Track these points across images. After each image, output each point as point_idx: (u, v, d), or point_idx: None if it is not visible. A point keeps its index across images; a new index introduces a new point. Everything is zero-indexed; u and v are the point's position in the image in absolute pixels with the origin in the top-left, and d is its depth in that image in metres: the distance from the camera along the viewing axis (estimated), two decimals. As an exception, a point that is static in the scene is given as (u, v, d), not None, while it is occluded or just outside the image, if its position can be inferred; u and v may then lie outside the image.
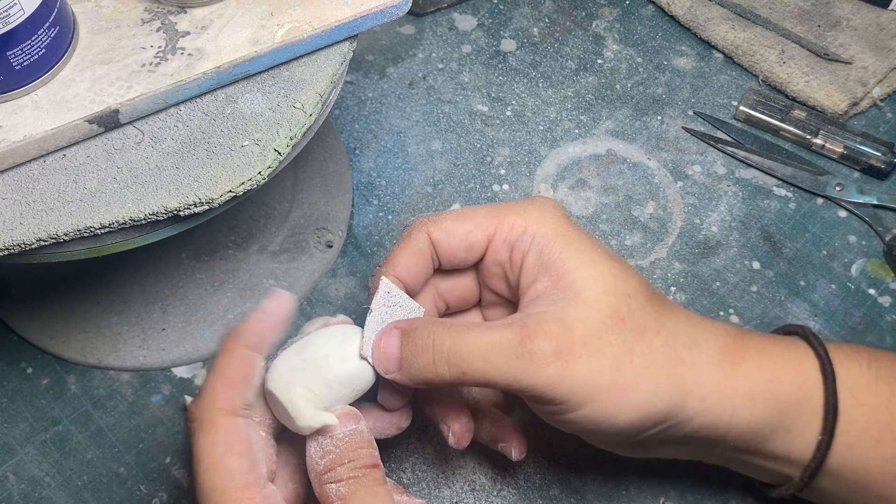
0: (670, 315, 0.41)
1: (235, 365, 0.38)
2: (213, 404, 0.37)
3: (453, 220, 0.43)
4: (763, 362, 0.40)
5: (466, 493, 0.49)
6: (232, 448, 0.37)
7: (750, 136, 0.63)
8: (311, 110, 0.43)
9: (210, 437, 0.37)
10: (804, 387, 0.40)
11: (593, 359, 0.38)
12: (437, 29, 0.69)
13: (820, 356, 0.41)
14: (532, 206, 0.43)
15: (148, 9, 0.45)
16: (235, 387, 0.38)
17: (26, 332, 0.55)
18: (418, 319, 0.41)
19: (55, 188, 0.41)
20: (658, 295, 0.42)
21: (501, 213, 0.43)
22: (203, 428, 0.37)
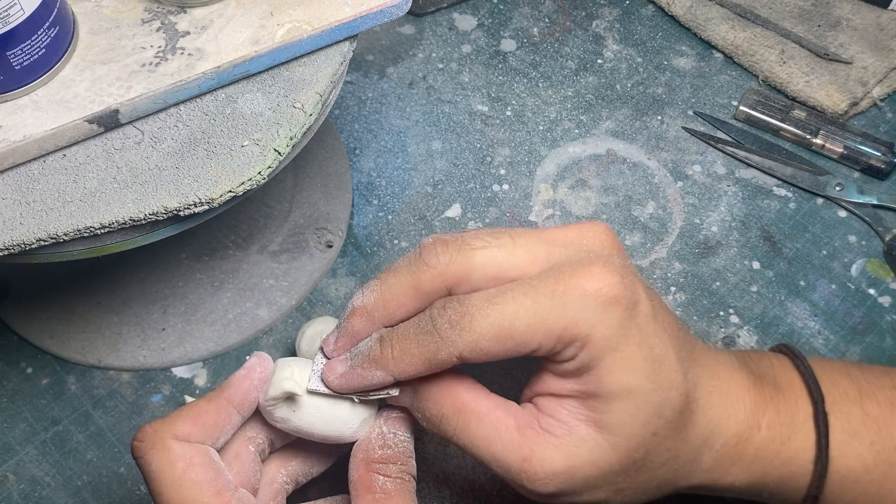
0: (687, 437, 0.37)
1: (211, 411, 0.38)
2: (168, 430, 0.37)
3: (489, 341, 0.35)
4: (755, 464, 0.39)
5: (466, 493, 0.49)
6: (192, 461, 0.36)
7: (750, 136, 0.63)
8: (311, 110, 0.43)
9: (165, 456, 0.36)
10: (792, 476, 0.39)
11: (586, 496, 0.37)
12: (437, 29, 0.69)
13: (820, 447, 0.39)
14: (584, 310, 0.34)
15: (148, 9, 0.45)
16: (201, 428, 0.37)
17: (26, 332, 0.55)
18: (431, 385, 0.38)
19: (55, 188, 0.41)
20: (689, 405, 0.37)
21: (545, 324, 0.34)
22: (155, 447, 0.36)
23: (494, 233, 0.37)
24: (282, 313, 0.56)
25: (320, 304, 0.56)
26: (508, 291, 0.35)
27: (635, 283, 0.36)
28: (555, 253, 0.36)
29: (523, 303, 0.35)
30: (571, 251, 0.37)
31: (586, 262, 0.35)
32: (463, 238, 0.36)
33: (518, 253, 0.36)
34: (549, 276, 0.35)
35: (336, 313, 0.56)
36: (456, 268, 0.36)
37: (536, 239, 0.36)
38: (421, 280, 0.36)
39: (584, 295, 0.34)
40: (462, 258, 0.36)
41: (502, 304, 0.35)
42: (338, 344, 0.39)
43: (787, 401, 0.40)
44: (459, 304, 0.35)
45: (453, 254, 0.36)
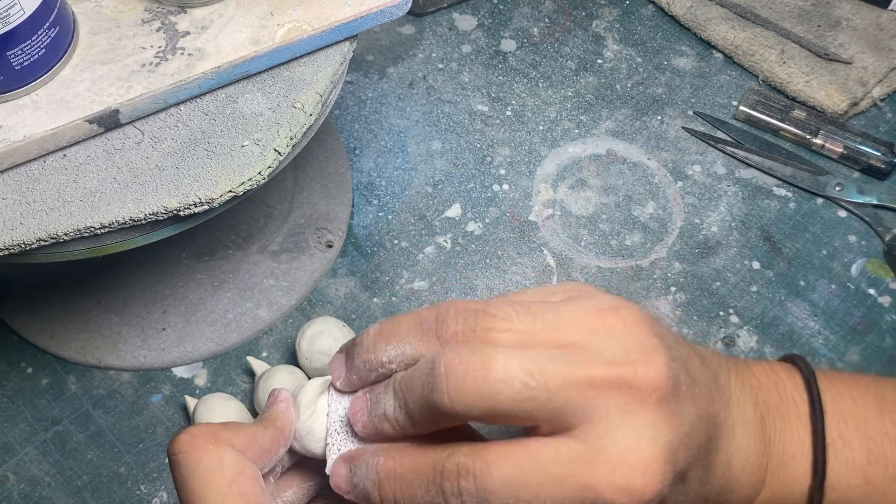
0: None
1: (267, 437, 0.34)
2: (225, 437, 0.33)
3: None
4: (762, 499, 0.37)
5: (466, 493, 0.49)
6: (244, 471, 0.33)
7: (750, 136, 0.63)
8: (311, 110, 0.43)
9: (217, 459, 0.32)
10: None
11: None
12: (437, 29, 0.69)
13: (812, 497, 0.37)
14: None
15: (148, 9, 0.45)
16: (257, 450, 0.34)
17: (26, 332, 0.55)
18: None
19: (55, 188, 0.41)
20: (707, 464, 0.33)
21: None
22: (209, 448, 0.33)
23: (528, 374, 0.30)
24: (282, 313, 0.56)
25: (320, 304, 0.56)
26: (534, 480, 0.30)
27: (677, 456, 0.31)
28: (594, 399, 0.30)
29: (546, 498, 0.30)
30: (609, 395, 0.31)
31: (627, 466, 0.30)
32: (486, 374, 0.30)
33: (552, 406, 0.30)
34: (584, 471, 0.30)
35: (336, 313, 0.56)
36: (476, 414, 0.31)
37: (578, 387, 0.30)
38: (438, 419, 0.32)
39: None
40: (483, 407, 0.30)
41: (524, 495, 0.30)
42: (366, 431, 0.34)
43: (787, 475, 0.38)
44: (476, 486, 0.30)
45: (473, 399, 0.30)
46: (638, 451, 0.30)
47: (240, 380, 0.54)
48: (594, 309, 0.32)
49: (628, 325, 0.32)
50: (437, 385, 0.30)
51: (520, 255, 0.58)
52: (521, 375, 0.30)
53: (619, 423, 0.30)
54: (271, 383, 0.48)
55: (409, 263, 0.58)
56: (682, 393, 0.31)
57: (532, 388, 0.30)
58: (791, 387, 0.39)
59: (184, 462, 0.33)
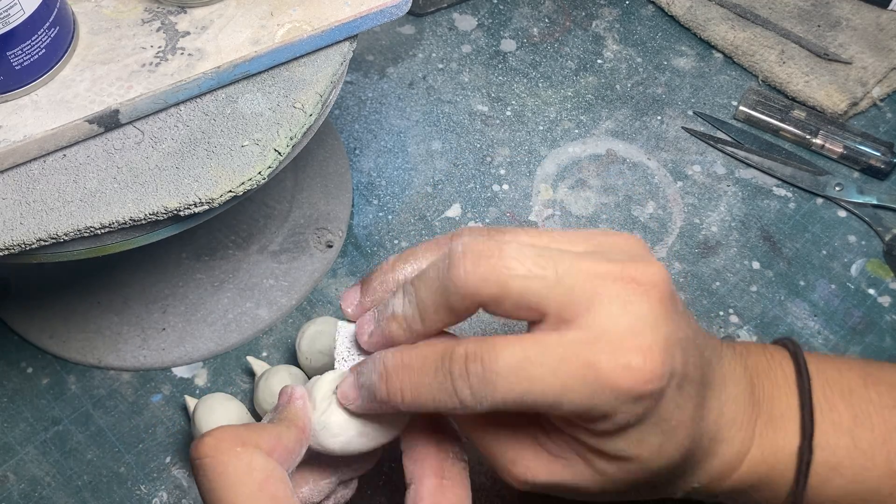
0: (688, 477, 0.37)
1: (291, 438, 0.34)
2: (252, 439, 0.33)
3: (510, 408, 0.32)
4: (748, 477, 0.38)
5: (466, 492, 0.49)
6: (273, 474, 0.32)
7: (750, 136, 0.63)
8: (311, 110, 0.43)
9: (245, 463, 0.32)
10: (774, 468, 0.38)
11: None
12: (437, 29, 0.69)
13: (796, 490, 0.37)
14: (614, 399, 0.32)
15: (148, 9, 0.45)
16: (283, 451, 0.34)
17: (26, 332, 0.55)
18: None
19: (55, 188, 0.41)
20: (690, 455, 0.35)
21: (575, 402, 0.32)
22: (236, 452, 0.32)
23: (538, 257, 0.32)
24: (282, 313, 0.56)
25: (320, 304, 0.56)
26: (538, 361, 0.32)
27: (674, 353, 0.32)
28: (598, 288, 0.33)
29: (552, 382, 0.32)
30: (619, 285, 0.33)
31: (627, 346, 0.31)
32: (501, 253, 0.32)
33: (559, 290, 0.32)
34: (585, 351, 0.32)
35: (336, 313, 0.56)
36: (488, 292, 0.32)
37: (584, 274, 0.32)
38: (451, 300, 0.33)
39: (617, 392, 0.31)
40: (496, 282, 0.32)
41: (529, 379, 0.32)
42: (372, 339, 0.36)
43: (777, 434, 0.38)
44: (483, 368, 0.32)
45: (487, 274, 0.32)
46: (638, 334, 0.31)
47: (240, 380, 0.54)
48: (598, 231, 0.36)
49: (630, 241, 0.35)
50: (454, 262, 0.32)
51: (520, 255, 0.58)
52: (533, 257, 0.32)
53: (621, 310, 0.32)
54: (271, 383, 0.48)
55: (409, 263, 0.58)
56: (679, 309, 0.34)
57: (542, 267, 0.32)
58: (779, 356, 0.40)
59: (210, 466, 0.32)
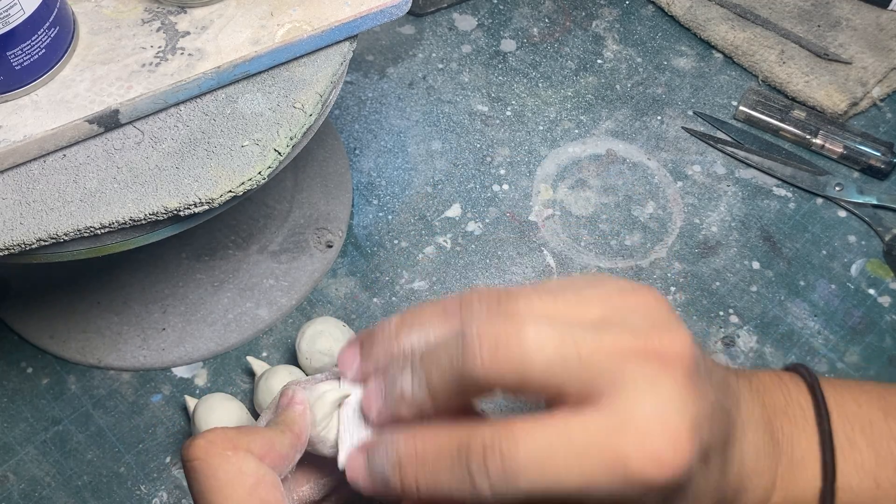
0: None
1: (286, 444, 0.33)
2: (244, 443, 0.32)
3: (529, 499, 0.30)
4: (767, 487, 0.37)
5: (466, 492, 0.49)
6: (264, 479, 0.32)
7: (750, 136, 0.63)
8: (311, 110, 0.43)
9: (236, 467, 0.31)
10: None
11: None
12: (437, 29, 0.69)
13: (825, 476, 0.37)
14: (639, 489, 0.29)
15: (148, 9, 0.45)
16: (275, 457, 0.33)
17: (26, 332, 0.55)
18: None
19: (55, 188, 0.41)
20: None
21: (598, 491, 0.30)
22: (227, 456, 0.32)
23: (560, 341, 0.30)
24: (282, 313, 0.56)
25: (320, 304, 0.56)
26: (563, 452, 0.29)
27: (702, 430, 0.30)
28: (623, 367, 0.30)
29: (578, 475, 0.29)
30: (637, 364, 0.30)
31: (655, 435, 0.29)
32: (520, 340, 0.30)
33: (582, 374, 0.30)
34: (612, 440, 0.29)
35: (336, 313, 0.56)
36: (508, 381, 0.30)
37: (607, 353, 0.30)
38: (466, 388, 0.31)
39: (646, 485, 0.29)
40: (516, 372, 0.30)
41: (553, 471, 0.29)
42: (381, 418, 0.34)
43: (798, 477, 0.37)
44: (503, 461, 0.29)
45: (505, 364, 0.30)
46: (666, 420, 0.29)
47: (240, 380, 0.54)
48: (614, 289, 0.32)
49: (649, 302, 0.32)
50: (470, 351, 0.30)
51: (520, 255, 0.58)
52: (555, 342, 0.29)
53: (647, 392, 0.29)
54: (271, 383, 0.48)
55: (409, 263, 0.58)
56: (703, 374, 0.31)
57: (565, 355, 0.29)
58: (796, 390, 0.38)
59: (200, 469, 0.32)
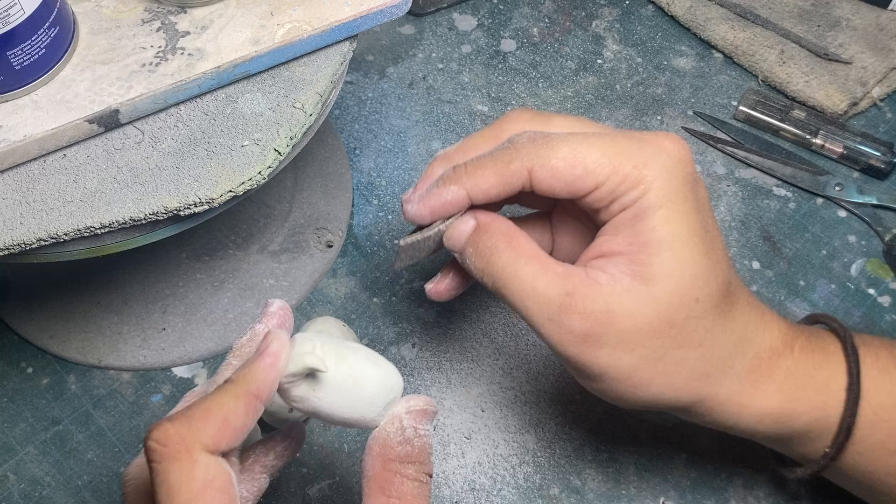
0: (725, 325, 0.39)
1: (240, 412, 0.34)
2: (197, 437, 0.33)
3: (562, 161, 0.38)
4: (786, 386, 0.40)
5: (466, 493, 0.49)
6: (212, 483, 0.33)
7: (750, 136, 0.63)
8: (311, 110, 0.43)
9: (186, 471, 0.33)
10: (824, 406, 0.40)
11: (617, 353, 0.37)
12: (437, 29, 0.69)
13: (851, 374, 0.40)
14: (656, 156, 0.38)
15: (148, 9, 0.45)
16: (231, 433, 0.34)
17: (26, 332, 0.55)
18: (496, 220, 0.40)
19: (55, 188, 0.41)
20: (729, 296, 0.39)
21: (618, 158, 0.38)
22: (179, 458, 0.33)
23: (581, 127, 0.40)
24: (282, 313, 0.56)
25: (320, 304, 0.56)
26: (589, 132, 0.39)
27: (699, 177, 0.40)
28: (631, 144, 0.39)
29: (602, 138, 0.38)
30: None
31: (667, 135, 0.39)
32: (548, 135, 0.39)
33: (597, 144, 0.38)
34: (628, 131, 0.39)
35: (336, 313, 0.56)
36: (540, 159, 0.38)
37: (615, 135, 0.39)
38: (506, 167, 0.39)
39: (659, 147, 0.38)
40: (546, 150, 0.38)
41: (582, 137, 0.38)
42: (417, 186, 0.41)
43: (817, 335, 0.42)
44: (542, 134, 0.39)
45: (539, 147, 0.39)
46: (676, 138, 0.39)
47: (240, 380, 0.54)
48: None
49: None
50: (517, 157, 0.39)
51: (520, 255, 0.58)
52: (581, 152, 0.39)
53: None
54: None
55: (409, 263, 0.58)
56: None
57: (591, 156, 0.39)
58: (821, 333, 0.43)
59: (157, 471, 0.33)
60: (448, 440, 0.51)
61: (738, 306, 0.39)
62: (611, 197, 0.38)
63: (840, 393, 0.40)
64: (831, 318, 0.43)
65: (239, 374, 0.34)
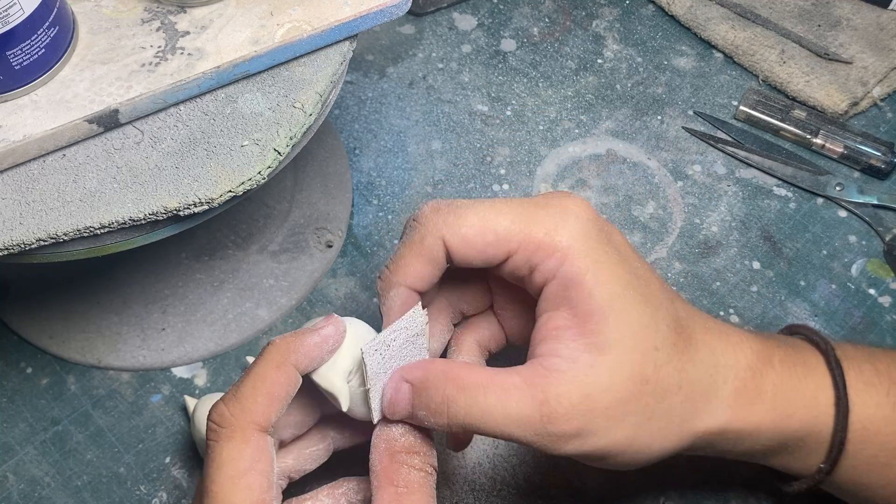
0: (692, 358, 0.38)
1: (283, 382, 0.37)
2: (250, 416, 0.36)
3: (472, 228, 0.38)
4: (777, 402, 0.40)
5: (466, 493, 0.49)
6: (256, 466, 0.36)
7: (750, 136, 0.63)
8: (310, 110, 0.43)
9: (238, 449, 0.36)
10: (815, 421, 0.40)
11: (611, 432, 0.37)
12: (437, 29, 0.69)
13: (837, 388, 0.40)
14: (564, 220, 0.38)
15: (148, 8, 0.45)
16: (277, 403, 0.36)
17: (26, 332, 0.55)
18: (429, 371, 0.38)
19: (55, 188, 0.41)
20: (683, 331, 0.39)
21: (528, 225, 0.38)
22: (233, 438, 0.36)
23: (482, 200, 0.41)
24: (282, 313, 0.56)
25: (320, 304, 0.56)
26: (496, 200, 0.39)
27: (610, 225, 0.40)
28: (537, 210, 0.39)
29: (509, 205, 0.38)
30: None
31: (567, 195, 0.40)
32: (453, 202, 0.40)
33: (505, 211, 0.39)
34: (532, 198, 0.39)
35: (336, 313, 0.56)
36: (449, 227, 0.39)
37: (520, 202, 0.39)
38: (420, 245, 0.39)
39: (565, 210, 0.38)
40: (453, 218, 0.39)
41: (489, 203, 0.39)
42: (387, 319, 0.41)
43: (794, 347, 0.42)
44: (447, 202, 0.39)
45: (445, 216, 0.39)
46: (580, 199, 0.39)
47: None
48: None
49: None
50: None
51: (520, 255, 0.58)
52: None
53: None
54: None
55: (409, 263, 0.58)
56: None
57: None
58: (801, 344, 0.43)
59: (211, 447, 0.36)
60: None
61: (696, 336, 0.39)
62: (528, 265, 0.38)
63: (829, 408, 0.40)
64: (811, 331, 0.43)
65: (283, 341, 0.37)
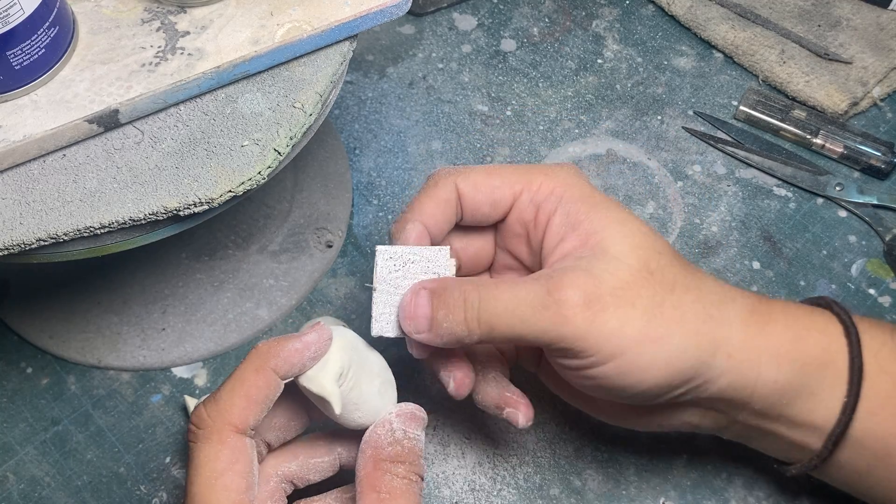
0: (698, 274, 0.41)
1: (261, 385, 0.37)
2: (226, 417, 0.37)
3: (481, 174, 0.43)
4: (789, 323, 0.40)
5: (466, 493, 0.49)
6: (234, 466, 0.36)
7: (750, 136, 0.63)
8: (310, 110, 0.43)
9: (214, 451, 0.36)
10: (829, 349, 0.40)
11: (622, 309, 0.37)
12: (437, 29, 0.69)
13: (844, 322, 0.41)
14: (559, 169, 0.43)
15: (148, 8, 0.45)
16: (255, 406, 0.37)
17: (26, 332, 0.55)
18: (447, 279, 0.40)
19: (55, 188, 0.41)
20: (685, 259, 0.41)
21: (529, 173, 0.43)
22: (210, 439, 0.36)
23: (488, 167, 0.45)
24: (282, 313, 0.56)
25: (320, 303, 0.56)
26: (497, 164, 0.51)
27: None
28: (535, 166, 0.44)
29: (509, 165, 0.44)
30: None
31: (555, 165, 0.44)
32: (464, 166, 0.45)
33: (508, 167, 0.44)
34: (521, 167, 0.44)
35: (336, 313, 0.56)
36: (461, 175, 0.43)
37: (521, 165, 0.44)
38: (434, 188, 0.43)
39: (557, 166, 0.43)
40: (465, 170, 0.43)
41: (492, 165, 0.45)
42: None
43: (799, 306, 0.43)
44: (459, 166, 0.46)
45: (458, 170, 0.44)
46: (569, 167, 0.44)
47: (240, 380, 0.54)
48: None
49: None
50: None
51: (520, 255, 0.58)
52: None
53: None
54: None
55: (409, 263, 0.58)
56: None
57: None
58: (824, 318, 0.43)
59: (191, 449, 0.37)
60: (448, 440, 0.51)
61: (700, 269, 0.42)
62: (533, 206, 0.42)
63: (840, 337, 0.40)
64: (808, 299, 0.45)
65: (265, 346, 0.38)
